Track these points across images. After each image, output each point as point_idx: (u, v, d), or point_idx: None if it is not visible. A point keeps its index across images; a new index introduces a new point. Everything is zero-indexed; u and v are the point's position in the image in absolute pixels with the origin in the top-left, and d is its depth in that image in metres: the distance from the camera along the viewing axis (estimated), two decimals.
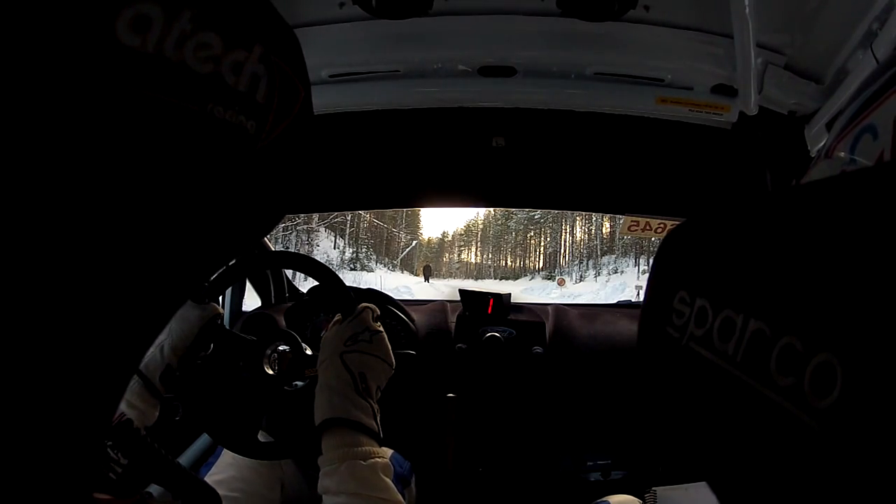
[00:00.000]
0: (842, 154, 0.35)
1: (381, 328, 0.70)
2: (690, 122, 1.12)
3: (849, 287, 0.14)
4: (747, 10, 0.87)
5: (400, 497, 0.57)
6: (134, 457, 0.49)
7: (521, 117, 1.17)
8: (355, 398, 0.62)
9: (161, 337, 0.78)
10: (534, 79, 1.09)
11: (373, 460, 0.58)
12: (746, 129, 1.10)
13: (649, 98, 1.08)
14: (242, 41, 0.23)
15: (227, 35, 0.22)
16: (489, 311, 1.35)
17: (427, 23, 0.99)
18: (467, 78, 1.10)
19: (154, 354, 0.76)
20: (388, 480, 0.58)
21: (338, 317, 0.72)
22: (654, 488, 0.94)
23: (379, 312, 0.72)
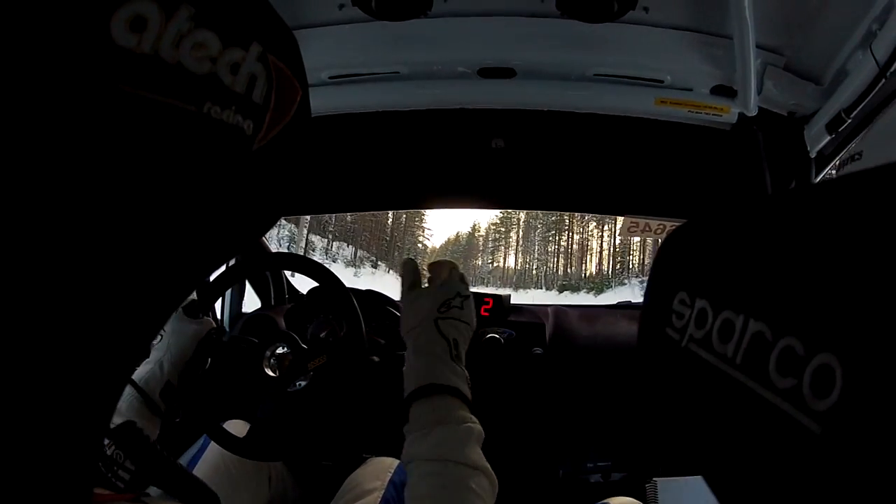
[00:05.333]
0: None
1: (469, 291, 0.68)
2: (690, 124, 1.12)
3: (849, 288, 0.14)
4: (747, 12, 0.87)
5: (487, 465, 0.54)
6: (138, 459, 0.49)
7: (520, 118, 1.17)
8: (452, 365, 0.60)
9: (159, 353, 0.78)
10: (533, 80, 1.09)
11: (468, 426, 0.55)
12: (746, 130, 1.10)
13: (648, 99, 1.08)
14: (239, 40, 0.23)
15: (224, 34, 0.22)
16: (489, 312, 1.34)
17: (427, 24, 0.99)
18: (467, 79, 1.10)
19: (153, 371, 0.76)
20: (480, 451, 0.55)
21: (420, 273, 0.68)
22: (654, 479, 0.94)
23: (461, 272, 0.69)
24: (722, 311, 0.20)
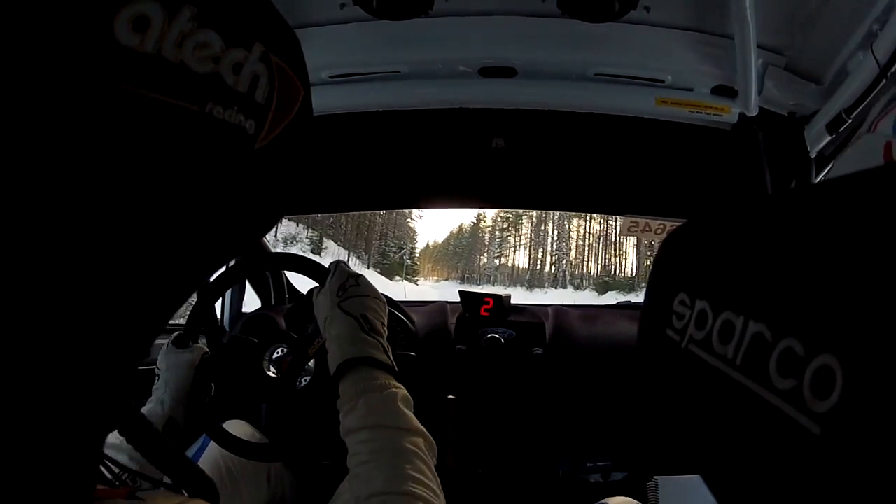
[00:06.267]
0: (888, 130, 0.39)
1: (356, 273, 0.71)
2: (690, 123, 1.12)
3: (850, 289, 0.14)
4: (747, 12, 0.87)
5: (421, 426, 0.56)
6: (143, 446, 0.49)
7: (521, 118, 1.17)
8: (364, 337, 0.62)
9: (159, 392, 0.80)
10: (534, 80, 1.09)
11: (390, 391, 0.57)
12: (746, 130, 1.10)
13: (649, 99, 1.08)
14: (242, 40, 0.23)
15: (227, 34, 0.22)
16: (489, 312, 1.35)
17: (428, 24, 0.99)
18: (468, 79, 1.10)
19: (155, 409, 0.78)
20: (409, 411, 0.56)
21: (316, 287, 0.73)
22: (655, 477, 0.94)
23: (347, 263, 0.74)
24: (722, 312, 0.20)
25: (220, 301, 1.44)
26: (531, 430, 1.29)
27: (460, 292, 1.39)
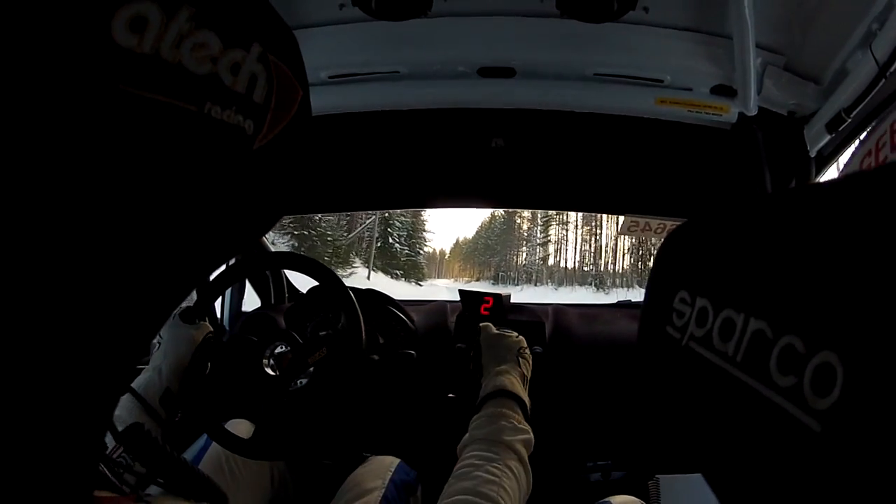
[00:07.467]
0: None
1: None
2: (690, 123, 1.12)
3: (850, 287, 0.14)
4: (747, 11, 0.87)
5: (527, 460, 0.64)
6: (147, 460, 0.49)
7: (520, 118, 1.17)
8: (523, 388, 0.79)
9: (157, 360, 0.81)
10: (533, 80, 1.09)
11: (523, 426, 0.68)
12: (746, 129, 1.10)
13: (649, 99, 1.08)
14: (240, 41, 0.23)
15: (225, 34, 0.22)
16: (489, 311, 1.34)
17: (426, 24, 0.99)
18: (467, 79, 1.10)
19: (152, 378, 0.77)
20: (523, 451, 0.65)
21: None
22: (657, 476, 0.94)
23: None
24: (722, 310, 0.20)
25: (219, 300, 1.44)
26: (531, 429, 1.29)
27: (460, 291, 1.39)
